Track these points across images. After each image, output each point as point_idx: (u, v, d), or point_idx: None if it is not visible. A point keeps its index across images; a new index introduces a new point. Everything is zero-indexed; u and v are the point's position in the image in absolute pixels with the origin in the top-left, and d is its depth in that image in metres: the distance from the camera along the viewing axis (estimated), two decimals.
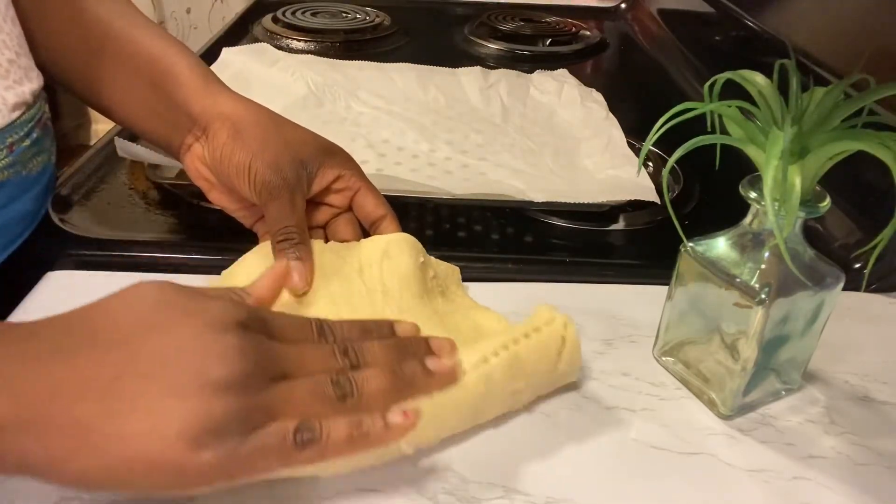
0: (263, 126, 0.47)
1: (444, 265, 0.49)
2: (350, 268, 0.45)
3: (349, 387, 0.33)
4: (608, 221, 0.59)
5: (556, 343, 0.40)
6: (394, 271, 0.44)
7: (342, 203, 0.49)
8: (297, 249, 0.43)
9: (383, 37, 1.03)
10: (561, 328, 0.40)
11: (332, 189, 0.49)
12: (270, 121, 0.48)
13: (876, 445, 0.40)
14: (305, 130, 0.49)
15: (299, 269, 0.43)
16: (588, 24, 1.12)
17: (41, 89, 0.53)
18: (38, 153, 0.53)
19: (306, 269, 0.43)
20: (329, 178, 0.48)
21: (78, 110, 2.49)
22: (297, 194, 0.45)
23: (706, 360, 0.42)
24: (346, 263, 0.45)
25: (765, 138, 0.37)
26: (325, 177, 0.48)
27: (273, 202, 0.45)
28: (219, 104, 0.49)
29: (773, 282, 0.38)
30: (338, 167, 0.48)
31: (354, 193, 0.49)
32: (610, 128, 0.72)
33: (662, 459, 0.38)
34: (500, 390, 0.38)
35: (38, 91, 0.52)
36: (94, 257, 0.52)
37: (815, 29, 0.74)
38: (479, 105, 0.79)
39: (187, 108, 0.49)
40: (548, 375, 0.40)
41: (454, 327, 0.43)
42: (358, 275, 0.44)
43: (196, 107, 0.49)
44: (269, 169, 0.45)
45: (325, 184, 0.48)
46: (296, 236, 0.44)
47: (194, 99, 0.49)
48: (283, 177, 0.45)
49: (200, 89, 0.50)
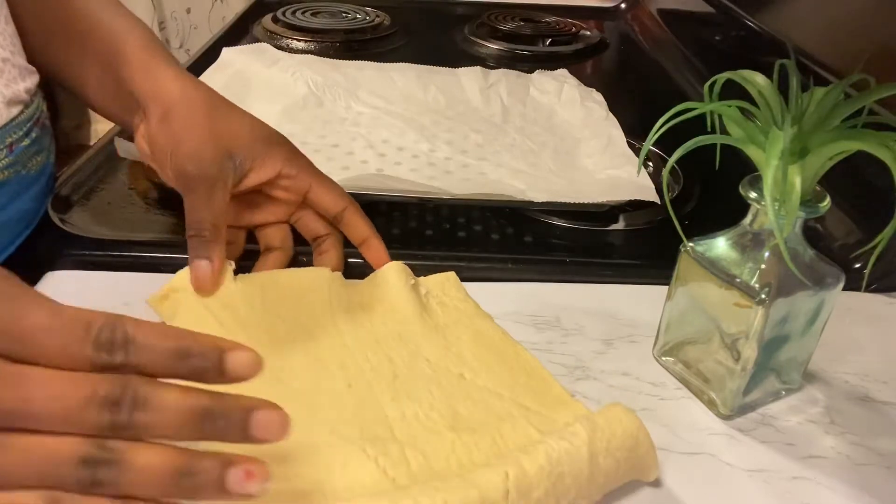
0: (193, 111, 0.44)
1: (434, 278, 0.50)
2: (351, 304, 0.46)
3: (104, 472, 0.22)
4: (608, 221, 0.59)
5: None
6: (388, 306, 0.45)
7: (293, 199, 0.47)
8: (206, 247, 0.40)
9: (383, 37, 1.03)
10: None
11: (278, 185, 0.46)
12: (204, 106, 0.45)
13: (876, 445, 0.40)
14: (246, 120, 0.46)
15: (202, 269, 0.40)
16: (588, 24, 1.12)
17: (37, 87, 0.53)
18: (38, 152, 0.53)
19: (211, 269, 0.40)
20: (268, 173, 0.45)
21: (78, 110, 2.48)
22: (216, 188, 0.42)
23: (706, 360, 0.42)
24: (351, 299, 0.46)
25: (765, 138, 0.37)
26: (262, 172, 0.44)
27: (189, 195, 0.42)
28: (158, 85, 0.46)
29: (773, 282, 0.38)
30: (279, 162, 0.45)
31: (307, 191, 0.47)
32: (610, 128, 0.72)
33: (662, 459, 0.38)
34: None
35: (33, 89, 0.52)
36: (94, 257, 0.52)
37: (815, 29, 0.74)
38: (479, 105, 0.79)
39: (132, 87, 0.47)
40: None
41: (455, 339, 0.44)
42: (361, 308, 0.46)
43: (138, 87, 0.46)
44: (187, 159, 0.42)
45: (263, 178, 0.45)
46: (206, 233, 0.40)
47: (138, 78, 0.47)
48: (201, 168, 0.42)
49: (143, 69, 0.47)
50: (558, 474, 0.32)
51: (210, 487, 0.24)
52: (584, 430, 0.34)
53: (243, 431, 0.25)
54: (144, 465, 0.23)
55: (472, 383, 0.41)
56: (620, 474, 0.35)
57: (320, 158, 0.65)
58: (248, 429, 0.25)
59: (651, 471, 0.36)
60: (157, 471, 0.23)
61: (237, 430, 0.25)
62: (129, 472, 0.23)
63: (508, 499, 0.31)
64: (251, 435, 0.25)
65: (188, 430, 0.24)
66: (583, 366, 0.45)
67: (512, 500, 0.31)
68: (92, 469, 0.22)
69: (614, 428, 0.34)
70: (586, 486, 0.33)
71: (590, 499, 0.34)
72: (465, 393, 0.40)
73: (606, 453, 0.33)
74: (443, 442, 0.36)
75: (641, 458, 0.35)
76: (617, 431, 0.34)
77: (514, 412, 0.39)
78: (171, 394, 0.24)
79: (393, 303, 0.46)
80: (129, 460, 0.23)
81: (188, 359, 0.25)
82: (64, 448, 0.22)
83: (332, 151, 0.67)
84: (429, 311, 0.47)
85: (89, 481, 0.22)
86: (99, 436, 0.23)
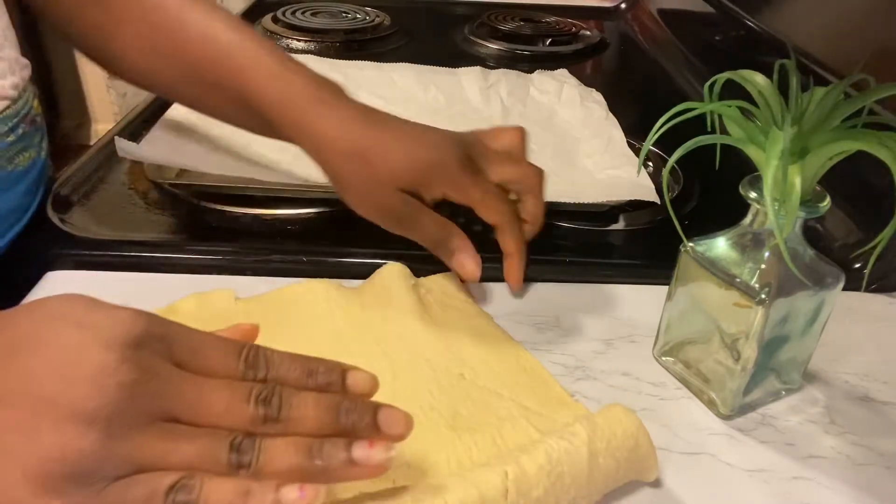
0: (351, 169, 0.44)
1: (434, 278, 0.50)
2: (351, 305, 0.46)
3: (249, 457, 0.27)
4: (608, 221, 0.59)
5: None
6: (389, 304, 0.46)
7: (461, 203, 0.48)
8: (447, 245, 0.47)
9: (383, 37, 1.03)
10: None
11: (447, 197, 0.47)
12: (356, 158, 0.44)
13: (876, 445, 0.40)
14: (400, 148, 0.45)
15: (460, 261, 0.47)
16: (588, 24, 1.12)
17: (27, 83, 0.53)
18: (25, 149, 0.53)
19: (467, 255, 0.47)
20: (433, 197, 0.46)
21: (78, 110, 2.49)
22: (415, 215, 0.45)
23: (706, 360, 0.42)
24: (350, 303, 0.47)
25: (765, 138, 0.37)
26: (427, 198, 0.46)
27: (403, 232, 0.46)
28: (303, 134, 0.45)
29: (773, 282, 0.38)
30: (440, 187, 0.45)
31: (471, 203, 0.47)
32: (610, 128, 0.72)
33: (662, 459, 0.38)
34: None
35: (22, 84, 0.52)
36: (94, 257, 0.52)
37: (815, 29, 0.74)
38: (479, 105, 0.79)
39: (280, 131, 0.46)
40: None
41: (455, 339, 0.44)
42: (361, 309, 0.46)
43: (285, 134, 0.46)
44: (375, 213, 0.45)
45: (428, 200, 0.46)
46: (439, 236, 0.47)
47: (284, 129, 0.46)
48: (394, 217, 0.45)
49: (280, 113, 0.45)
50: (558, 474, 0.32)
51: (340, 463, 0.28)
52: (584, 431, 0.34)
53: (373, 424, 0.29)
54: (282, 448, 0.27)
55: (472, 383, 0.41)
56: (620, 475, 0.35)
57: None
58: (377, 422, 0.29)
59: (651, 471, 0.36)
60: (292, 452, 0.27)
61: (367, 422, 0.29)
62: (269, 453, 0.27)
63: (508, 498, 0.31)
64: (380, 428, 0.29)
65: (326, 422, 0.28)
66: (583, 366, 0.45)
67: (511, 500, 0.31)
68: (238, 455, 0.27)
69: (614, 428, 0.34)
70: (586, 486, 0.33)
71: (589, 499, 0.34)
72: (465, 393, 0.40)
73: (606, 454, 0.33)
74: (442, 441, 0.36)
75: (641, 459, 0.35)
76: (617, 432, 0.34)
77: (514, 412, 0.39)
78: (310, 394, 0.29)
79: (393, 303, 0.46)
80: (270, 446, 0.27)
81: (315, 375, 0.30)
82: (221, 435, 0.27)
83: None
84: (429, 311, 0.47)
85: (235, 463, 0.27)
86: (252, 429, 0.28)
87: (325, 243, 0.55)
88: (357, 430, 0.29)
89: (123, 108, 2.40)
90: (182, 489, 0.26)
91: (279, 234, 0.55)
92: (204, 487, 0.26)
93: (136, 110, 0.74)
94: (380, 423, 0.29)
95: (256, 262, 0.52)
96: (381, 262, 0.50)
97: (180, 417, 0.27)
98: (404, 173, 0.44)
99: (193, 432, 0.27)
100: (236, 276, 0.50)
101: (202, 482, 0.26)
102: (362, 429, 0.29)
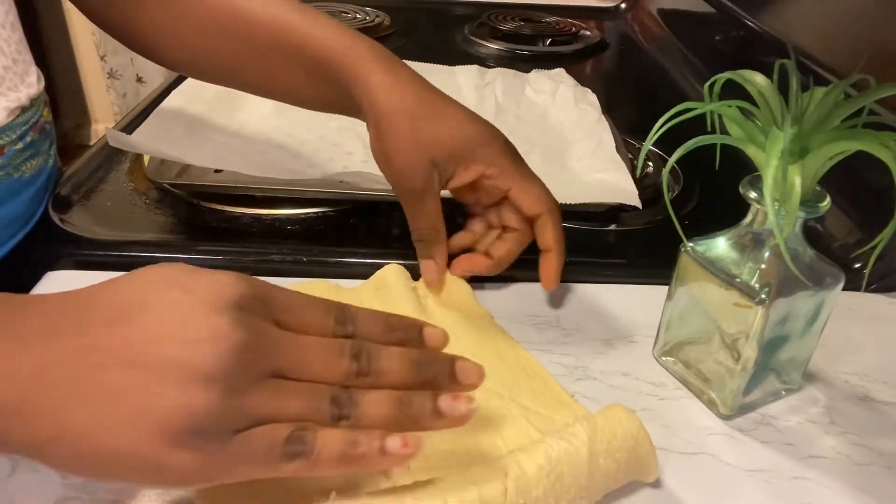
0: (398, 125, 0.45)
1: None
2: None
3: (347, 409, 0.30)
4: (607, 221, 0.59)
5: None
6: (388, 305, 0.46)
7: (493, 197, 0.48)
8: (429, 249, 0.47)
9: (383, 37, 1.03)
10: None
11: (481, 185, 0.47)
12: (407, 119, 0.45)
13: (876, 445, 0.40)
14: (450, 124, 0.46)
15: (428, 266, 0.48)
16: (588, 24, 1.12)
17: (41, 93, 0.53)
18: (33, 156, 0.53)
19: (436, 266, 0.47)
20: (470, 175, 0.46)
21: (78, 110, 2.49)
22: (426, 198, 0.46)
23: (706, 360, 0.42)
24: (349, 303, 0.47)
25: (765, 138, 0.37)
26: (464, 175, 0.46)
27: (406, 207, 0.47)
28: (368, 97, 0.46)
29: (773, 282, 0.38)
30: (481, 165, 0.46)
31: (508, 191, 0.47)
32: (601, 131, 0.71)
33: (662, 459, 0.38)
34: None
35: (35, 95, 0.52)
36: (94, 257, 0.52)
37: (815, 29, 0.74)
38: (473, 103, 0.78)
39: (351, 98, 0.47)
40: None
41: (455, 339, 0.43)
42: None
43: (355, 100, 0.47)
44: (396, 176, 0.46)
45: (465, 181, 0.47)
46: (426, 237, 0.47)
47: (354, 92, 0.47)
48: (409, 184, 0.46)
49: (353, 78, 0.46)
50: (557, 474, 0.32)
51: (427, 414, 0.30)
52: (584, 431, 0.34)
53: (451, 375, 0.32)
54: (375, 400, 0.30)
55: None
56: (620, 475, 0.35)
57: (308, 150, 0.66)
58: (454, 373, 0.32)
59: (651, 472, 0.36)
60: (385, 404, 0.30)
61: (446, 373, 0.32)
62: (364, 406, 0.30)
63: (507, 498, 0.31)
64: (457, 378, 0.32)
65: (410, 375, 0.31)
66: (583, 366, 0.45)
67: (511, 499, 0.31)
68: (338, 407, 0.29)
69: (614, 429, 0.34)
70: (586, 487, 0.33)
71: (589, 499, 0.34)
72: None
73: (606, 454, 0.33)
74: (442, 441, 0.36)
75: (641, 460, 0.35)
76: (617, 432, 0.34)
77: (514, 412, 0.39)
78: (394, 349, 0.32)
79: (392, 304, 0.46)
80: (364, 399, 0.30)
81: (395, 331, 0.33)
82: (322, 390, 0.30)
83: (318, 143, 0.67)
84: (428, 311, 0.47)
85: (337, 415, 0.29)
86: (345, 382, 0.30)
87: (325, 243, 0.55)
88: (438, 381, 0.32)
89: (123, 109, 2.40)
90: (297, 440, 0.28)
91: (279, 234, 0.55)
92: (318, 439, 0.28)
93: (135, 110, 0.74)
94: (457, 374, 0.32)
95: (256, 262, 0.52)
96: (381, 263, 0.50)
97: (286, 374, 0.29)
98: (449, 140, 0.45)
99: (298, 387, 0.29)
100: None
101: (314, 434, 0.28)
102: (442, 379, 0.32)
